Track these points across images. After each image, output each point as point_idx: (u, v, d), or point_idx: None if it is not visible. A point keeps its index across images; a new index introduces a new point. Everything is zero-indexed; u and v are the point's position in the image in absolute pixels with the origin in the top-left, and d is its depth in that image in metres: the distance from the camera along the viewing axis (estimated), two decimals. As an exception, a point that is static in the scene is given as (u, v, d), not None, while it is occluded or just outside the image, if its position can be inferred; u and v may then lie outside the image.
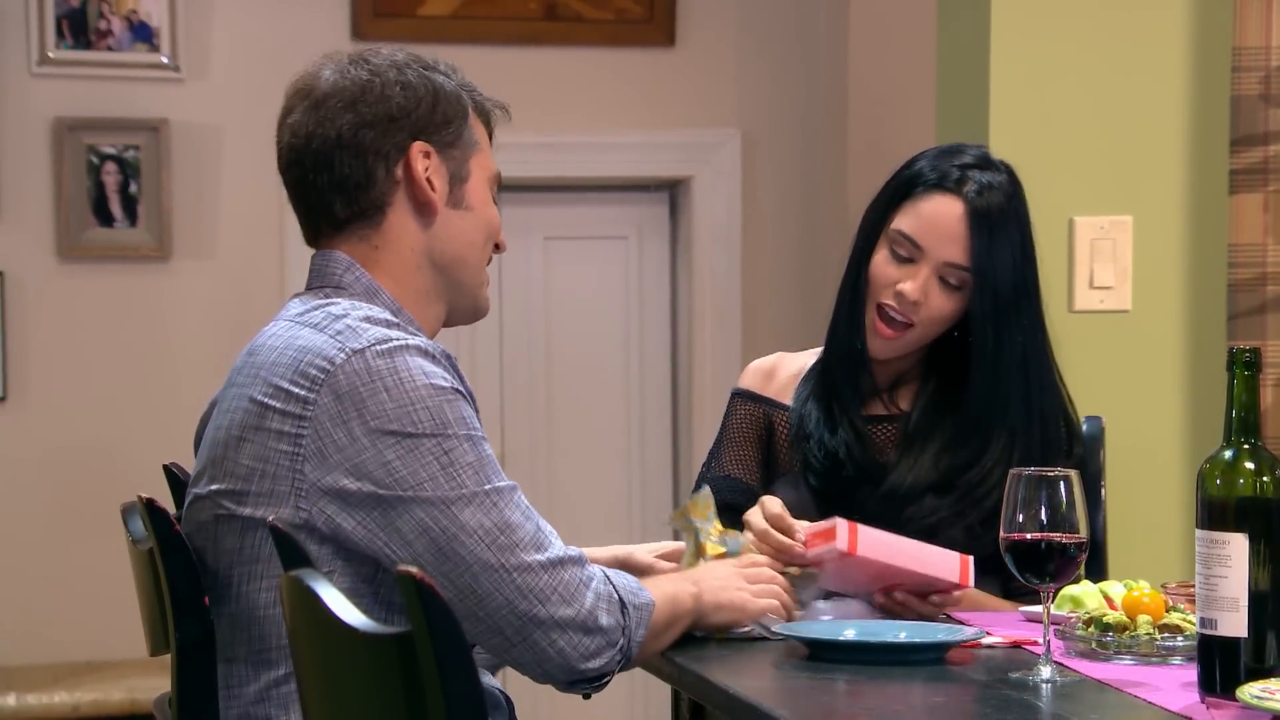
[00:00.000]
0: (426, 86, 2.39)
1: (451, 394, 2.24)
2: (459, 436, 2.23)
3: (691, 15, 5.62)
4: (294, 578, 1.90)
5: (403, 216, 2.39)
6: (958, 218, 2.82)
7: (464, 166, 2.41)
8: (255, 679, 2.28)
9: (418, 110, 2.37)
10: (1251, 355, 2.14)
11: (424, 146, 2.37)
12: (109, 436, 5.21)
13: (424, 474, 2.20)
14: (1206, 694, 2.13)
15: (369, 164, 2.37)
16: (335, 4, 5.39)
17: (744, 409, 3.02)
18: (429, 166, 2.37)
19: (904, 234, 2.84)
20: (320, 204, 2.40)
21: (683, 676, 2.43)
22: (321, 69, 2.43)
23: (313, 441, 2.21)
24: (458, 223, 2.41)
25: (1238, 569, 2.09)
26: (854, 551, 2.59)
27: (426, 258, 2.40)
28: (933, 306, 2.84)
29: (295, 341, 2.28)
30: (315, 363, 2.24)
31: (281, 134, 2.46)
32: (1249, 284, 3.65)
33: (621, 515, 5.77)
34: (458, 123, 2.40)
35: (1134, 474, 3.64)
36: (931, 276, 2.83)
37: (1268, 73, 3.63)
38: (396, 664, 1.75)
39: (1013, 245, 2.84)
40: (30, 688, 4.88)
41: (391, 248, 2.39)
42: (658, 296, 5.81)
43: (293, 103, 2.45)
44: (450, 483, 2.21)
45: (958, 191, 2.83)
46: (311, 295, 2.39)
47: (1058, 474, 2.28)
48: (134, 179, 5.22)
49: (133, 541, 2.51)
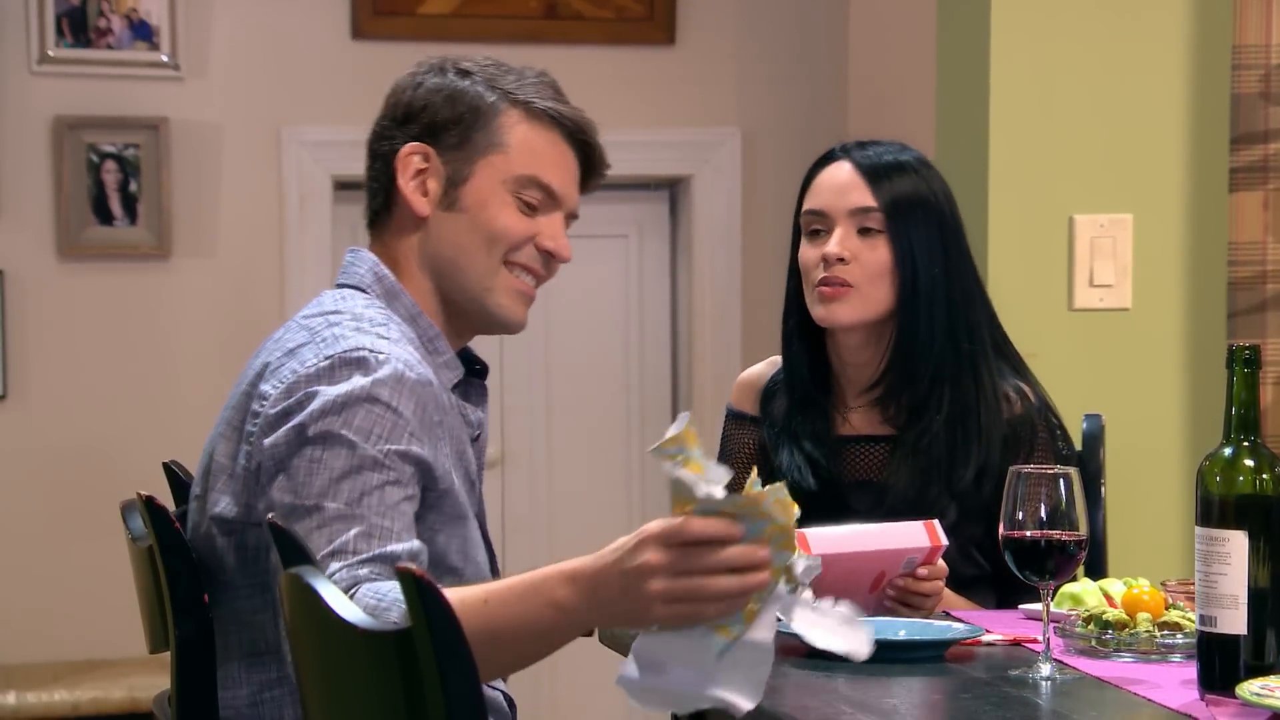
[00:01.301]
0: (444, 88, 2.37)
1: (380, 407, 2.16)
2: (338, 438, 2.15)
3: (692, 14, 5.62)
4: (293, 575, 1.90)
5: (401, 218, 2.39)
6: (847, 171, 2.88)
7: (467, 168, 2.37)
8: (249, 681, 2.29)
9: (424, 113, 2.37)
10: (1251, 353, 2.14)
11: (419, 148, 2.36)
12: (109, 435, 5.21)
13: (316, 486, 2.14)
14: (1206, 691, 2.13)
15: (378, 166, 2.39)
16: (335, 2, 5.39)
17: (738, 434, 3.02)
18: (425, 169, 2.36)
19: (809, 211, 2.90)
20: (366, 202, 2.44)
21: (682, 674, 2.43)
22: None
23: (266, 429, 2.21)
24: (450, 225, 2.38)
25: (1237, 566, 2.09)
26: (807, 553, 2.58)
27: (426, 260, 2.39)
28: (861, 256, 2.85)
29: (287, 344, 2.29)
30: (294, 367, 2.23)
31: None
32: (1249, 282, 3.65)
33: (621, 515, 5.77)
34: (469, 124, 2.37)
35: (1134, 471, 3.64)
36: (848, 231, 2.85)
37: (1268, 71, 3.63)
38: (395, 661, 1.75)
39: (915, 182, 2.87)
40: (30, 686, 4.88)
41: (398, 249, 2.39)
42: (658, 295, 5.81)
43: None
44: (303, 489, 2.15)
45: (841, 155, 2.91)
46: (330, 295, 2.39)
47: (1057, 471, 2.28)
48: (134, 177, 5.22)
49: (132, 539, 2.51)
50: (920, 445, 2.84)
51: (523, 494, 5.74)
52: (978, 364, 2.86)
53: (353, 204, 5.63)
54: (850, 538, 2.61)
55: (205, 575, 2.32)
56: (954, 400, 2.84)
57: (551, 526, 5.72)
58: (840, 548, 2.58)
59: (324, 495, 2.13)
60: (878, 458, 2.89)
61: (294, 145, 5.34)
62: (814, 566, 1.95)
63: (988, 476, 2.83)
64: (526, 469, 5.72)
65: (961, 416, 2.84)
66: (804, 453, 2.90)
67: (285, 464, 2.16)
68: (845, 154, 2.91)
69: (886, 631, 2.48)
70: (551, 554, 5.65)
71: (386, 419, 2.17)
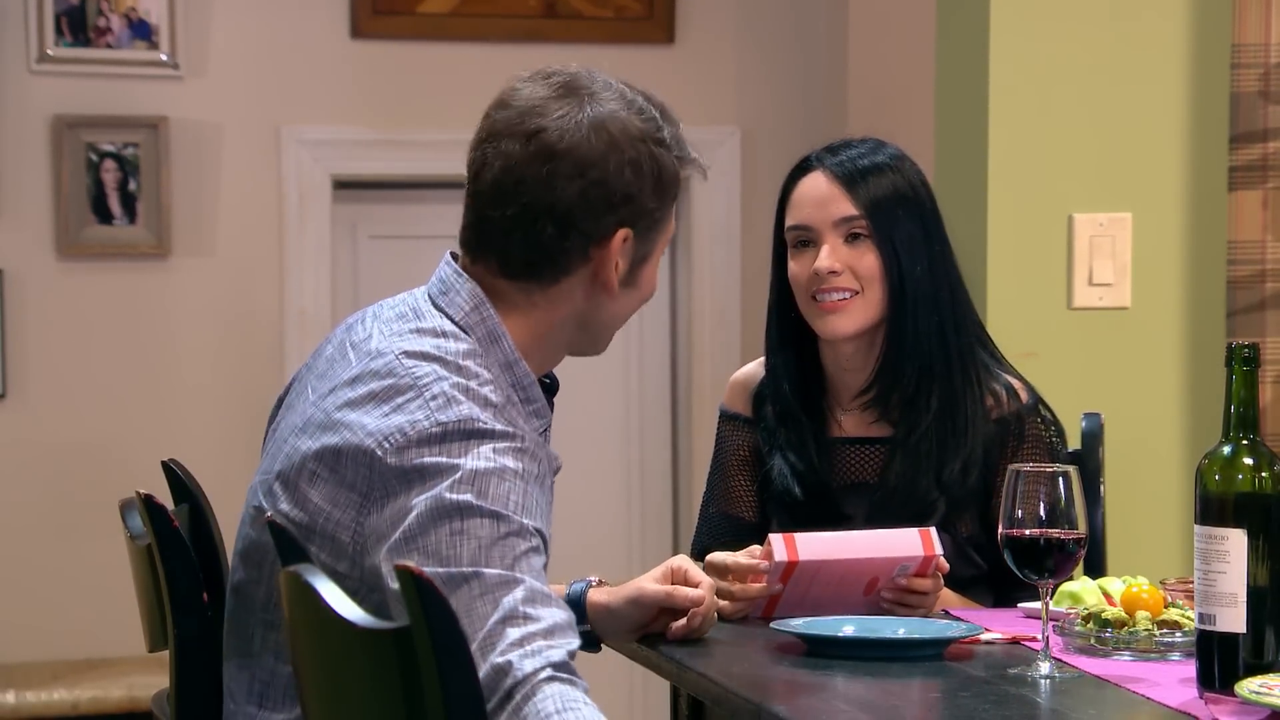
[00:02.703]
0: (652, 168, 2.29)
1: (511, 477, 2.12)
2: (506, 521, 2.11)
3: (691, 13, 5.61)
4: (292, 573, 1.90)
5: (575, 288, 2.30)
6: (824, 181, 2.89)
7: (653, 247, 2.33)
8: (286, 709, 2.24)
9: (639, 196, 2.28)
10: (1250, 351, 2.15)
11: (627, 233, 2.28)
12: (108, 434, 5.21)
13: (446, 552, 2.09)
14: (1205, 689, 2.13)
15: (571, 239, 2.26)
16: (334, 1, 5.38)
17: (732, 435, 3.02)
18: (622, 251, 2.29)
19: (793, 226, 2.91)
20: (502, 249, 2.28)
21: (682, 673, 2.43)
22: (553, 104, 2.27)
23: (379, 498, 2.14)
24: (623, 300, 2.34)
25: (1236, 564, 2.09)
26: (796, 558, 2.59)
27: (577, 321, 2.34)
28: (855, 266, 2.85)
29: (386, 380, 2.19)
30: (403, 425, 2.15)
31: (488, 155, 2.28)
32: (1248, 280, 3.65)
33: (621, 516, 5.77)
34: (665, 206, 2.33)
35: (1133, 470, 3.64)
36: (835, 243, 2.86)
37: (1267, 69, 3.63)
38: (395, 659, 1.75)
39: (893, 181, 2.87)
40: (29, 685, 4.88)
41: (549, 307, 2.31)
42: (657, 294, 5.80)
43: (512, 126, 2.27)
44: (450, 560, 2.09)
45: (815, 166, 2.92)
46: (431, 321, 2.26)
47: (1056, 470, 2.28)
48: (133, 177, 5.21)
49: (131, 538, 2.51)
50: (910, 442, 2.84)
51: (522, 493, 5.73)
52: (965, 357, 2.86)
53: (352, 203, 5.64)
54: (841, 543, 2.61)
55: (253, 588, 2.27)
56: (943, 395, 2.85)
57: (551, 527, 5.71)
58: (829, 554, 2.59)
59: (477, 563, 2.07)
60: (871, 459, 2.89)
61: (293, 144, 5.34)
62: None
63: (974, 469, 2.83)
64: (526, 468, 5.72)
65: (950, 411, 2.84)
66: (789, 463, 2.90)
67: (417, 540, 2.09)
68: (819, 164, 2.91)
69: (885, 630, 2.48)
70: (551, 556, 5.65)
71: (518, 487, 2.14)
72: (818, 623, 2.50)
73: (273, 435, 2.35)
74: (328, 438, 2.19)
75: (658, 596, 2.52)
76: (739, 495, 2.97)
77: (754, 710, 2.16)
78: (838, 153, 2.92)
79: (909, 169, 2.91)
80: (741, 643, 2.53)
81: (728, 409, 3.04)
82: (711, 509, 3.00)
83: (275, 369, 5.18)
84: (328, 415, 2.21)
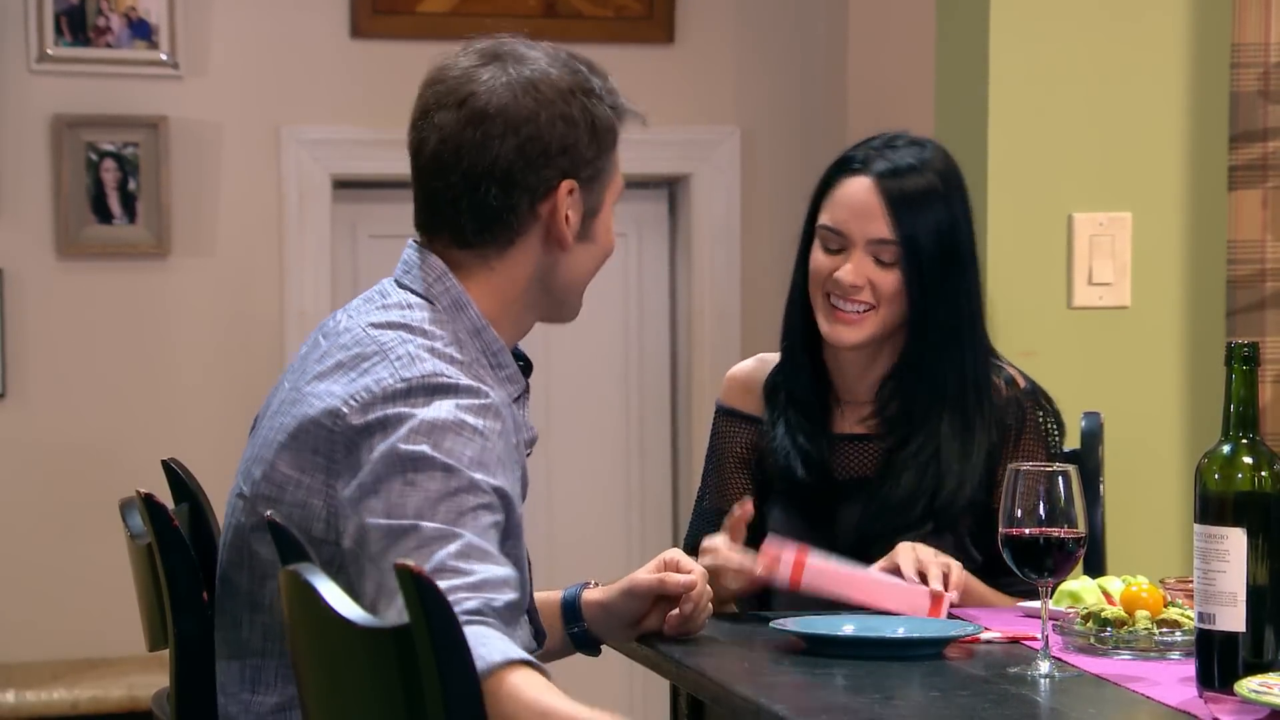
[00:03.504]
0: (585, 119, 2.33)
1: (470, 432, 2.16)
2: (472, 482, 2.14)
3: (691, 12, 5.61)
4: (291, 572, 1.90)
5: (531, 247, 2.34)
6: (869, 192, 2.83)
7: (600, 198, 2.37)
8: (280, 689, 2.27)
9: (574, 147, 2.32)
10: (1250, 350, 2.15)
11: (571, 184, 2.33)
12: (108, 433, 5.21)
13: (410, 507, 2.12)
14: (1204, 689, 2.13)
15: (515, 197, 2.31)
16: (334, 1, 5.38)
17: (729, 430, 3.01)
18: (570, 203, 2.33)
19: (827, 226, 2.86)
20: (452, 220, 2.33)
21: (681, 672, 2.43)
22: (479, 70, 2.35)
23: (343, 457, 2.18)
24: (581, 255, 2.38)
25: (1236, 564, 2.09)
26: (796, 584, 2.61)
27: (539, 283, 2.37)
28: (879, 287, 2.84)
29: (356, 353, 2.24)
30: (369, 385, 2.20)
31: (425, 130, 2.35)
32: (1248, 280, 3.65)
33: (620, 513, 5.77)
34: (605, 155, 2.37)
35: (1133, 469, 3.64)
36: (864, 258, 2.83)
37: (1266, 69, 3.63)
38: (394, 658, 1.75)
39: (936, 213, 2.84)
40: (29, 685, 4.88)
41: (508, 271, 2.35)
42: (657, 294, 5.81)
43: (443, 99, 2.34)
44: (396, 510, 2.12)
45: (865, 170, 2.85)
46: (396, 298, 2.32)
47: (1056, 469, 2.28)
48: (133, 176, 5.21)
49: (131, 537, 2.51)
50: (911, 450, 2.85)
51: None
52: (981, 387, 2.86)
53: (352, 203, 5.63)
54: (845, 582, 2.62)
55: (236, 576, 2.29)
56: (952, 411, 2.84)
57: (551, 526, 5.71)
58: (828, 587, 2.62)
59: (420, 515, 2.10)
60: (871, 456, 2.89)
61: (293, 144, 5.34)
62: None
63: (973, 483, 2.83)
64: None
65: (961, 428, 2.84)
66: (796, 445, 2.90)
67: (377, 488, 2.13)
68: (869, 169, 2.84)
69: (885, 630, 2.49)
70: (551, 553, 5.65)
71: (475, 443, 2.16)
72: (818, 622, 2.51)
73: (254, 431, 2.38)
74: (298, 409, 2.24)
75: (650, 584, 2.55)
76: (735, 490, 2.96)
77: (754, 710, 2.16)
78: (891, 158, 2.85)
79: (956, 196, 2.87)
80: (741, 642, 2.53)
81: (725, 404, 3.03)
82: (706, 503, 3.00)
83: (275, 369, 5.18)
84: (299, 392, 2.26)
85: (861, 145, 2.90)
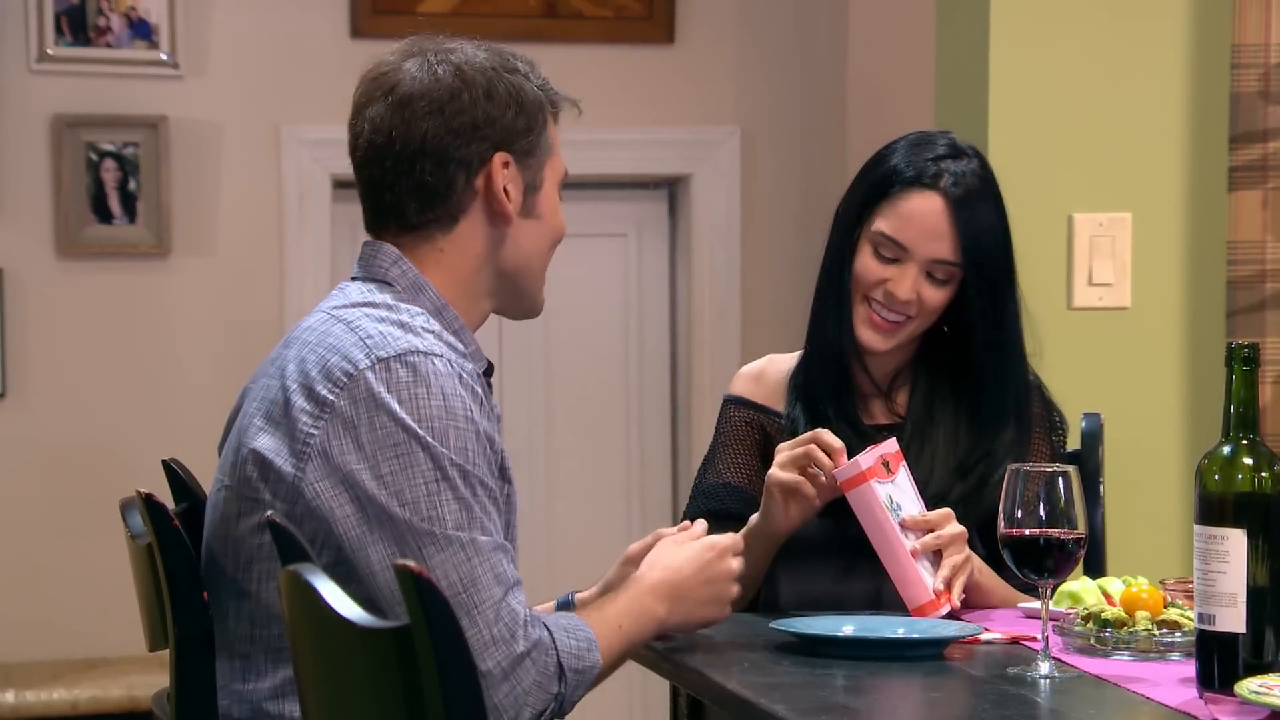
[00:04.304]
0: (511, 94, 2.39)
1: (463, 421, 2.24)
2: (455, 466, 2.23)
3: (691, 13, 5.61)
4: (292, 572, 1.90)
5: (475, 224, 2.39)
6: (939, 214, 2.81)
7: (539, 174, 2.42)
8: (271, 674, 2.29)
9: (502, 119, 2.38)
10: (1250, 351, 2.15)
11: (504, 157, 2.38)
12: (109, 433, 5.21)
13: (409, 494, 2.21)
14: (1204, 689, 2.13)
15: (450, 173, 2.37)
16: (335, 1, 5.38)
17: (738, 415, 3.00)
18: (507, 177, 2.38)
19: (886, 235, 2.82)
20: (394, 205, 2.39)
21: (681, 672, 2.43)
22: (404, 62, 2.42)
23: (321, 442, 2.22)
24: (527, 231, 2.42)
25: (1236, 564, 2.09)
26: (845, 491, 2.64)
27: (491, 263, 2.41)
28: (925, 302, 2.83)
29: (327, 339, 2.29)
30: (342, 365, 2.25)
31: (358, 125, 2.43)
32: (1248, 281, 3.65)
33: (621, 513, 5.77)
34: (537, 130, 2.42)
35: (1133, 470, 3.64)
36: (920, 274, 2.82)
37: (1267, 70, 3.63)
38: (395, 658, 1.75)
39: (994, 231, 2.85)
40: (29, 685, 4.88)
41: (458, 252, 2.39)
42: (657, 294, 5.81)
43: (371, 93, 2.42)
44: (430, 511, 2.21)
45: (935, 186, 2.81)
46: (356, 287, 2.39)
47: (1056, 470, 2.28)
48: (133, 176, 5.21)
49: (131, 537, 2.51)
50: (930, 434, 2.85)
51: (522, 493, 5.70)
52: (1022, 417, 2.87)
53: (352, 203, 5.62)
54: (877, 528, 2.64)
55: (222, 566, 2.32)
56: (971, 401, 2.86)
57: (551, 526, 5.72)
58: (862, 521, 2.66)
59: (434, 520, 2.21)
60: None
61: (293, 144, 5.34)
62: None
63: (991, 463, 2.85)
64: (526, 468, 5.72)
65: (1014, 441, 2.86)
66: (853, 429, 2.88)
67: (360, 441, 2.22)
68: (938, 186, 2.81)
69: (885, 630, 2.49)
70: (551, 554, 5.65)
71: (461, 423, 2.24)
72: (818, 623, 2.51)
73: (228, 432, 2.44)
74: (272, 395, 2.29)
75: (645, 543, 2.59)
76: (741, 466, 2.95)
77: (754, 710, 2.16)
78: (955, 173, 2.81)
79: (1005, 216, 2.87)
80: (741, 643, 2.53)
81: (734, 394, 3.02)
82: (710, 478, 2.97)
83: (275, 368, 5.18)
84: (270, 380, 2.32)
85: (916, 154, 2.84)
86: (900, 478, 2.67)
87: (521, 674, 2.21)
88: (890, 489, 2.64)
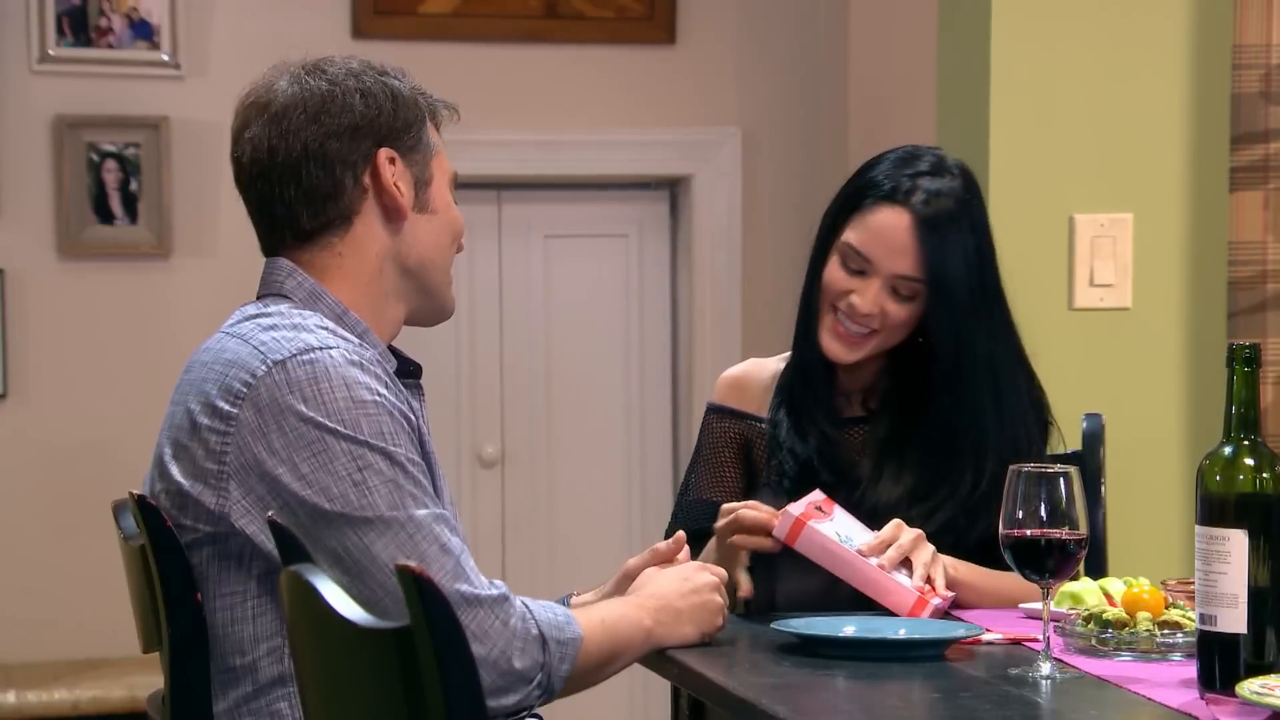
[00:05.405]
0: (385, 93, 2.40)
1: (372, 406, 2.24)
2: (376, 450, 2.23)
3: (692, 13, 5.62)
4: (293, 572, 1.90)
5: (370, 224, 2.40)
6: (905, 229, 2.79)
7: (426, 170, 2.43)
8: (223, 696, 2.30)
9: (380, 117, 2.39)
10: (1251, 351, 2.14)
11: (389, 153, 2.39)
12: (109, 434, 5.21)
13: (335, 489, 2.21)
14: (1206, 690, 2.13)
15: (337, 174, 2.37)
16: (336, 1, 5.39)
17: (719, 426, 3.00)
18: (395, 172, 2.39)
19: (853, 247, 2.81)
20: (286, 217, 2.40)
21: (682, 673, 2.43)
22: (274, 81, 2.42)
23: (236, 458, 2.24)
24: (425, 226, 2.42)
25: (1237, 565, 2.09)
26: (792, 544, 2.63)
27: (392, 262, 2.41)
28: (889, 316, 2.81)
29: (223, 355, 2.31)
30: (239, 376, 2.26)
31: (239, 149, 2.43)
32: (1249, 281, 3.65)
33: (621, 513, 5.77)
34: (417, 127, 2.42)
35: (1134, 470, 3.64)
36: (882, 289, 2.80)
37: (1268, 70, 3.63)
38: (395, 659, 1.75)
39: (966, 251, 2.81)
40: (30, 685, 4.88)
41: (357, 254, 2.39)
42: (658, 295, 5.81)
43: (248, 116, 2.42)
44: (361, 500, 2.21)
45: (905, 203, 2.79)
46: (252, 305, 2.40)
47: (1057, 470, 2.28)
48: (134, 176, 5.22)
49: (124, 538, 2.51)
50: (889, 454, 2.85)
51: (523, 494, 5.73)
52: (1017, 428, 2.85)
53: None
54: (840, 559, 2.62)
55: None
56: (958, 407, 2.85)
57: (551, 526, 5.72)
58: (821, 560, 2.63)
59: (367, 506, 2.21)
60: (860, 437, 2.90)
61: (294, 144, 5.34)
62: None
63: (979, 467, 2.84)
64: (526, 469, 5.72)
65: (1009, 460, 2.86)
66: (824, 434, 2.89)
67: (274, 447, 2.22)
68: (906, 200, 2.79)
69: (886, 630, 2.48)
70: (551, 554, 5.65)
71: (370, 408, 2.24)
72: (818, 623, 2.51)
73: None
74: (177, 420, 2.33)
75: (642, 558, 2.59)
76: (721, 482, 2.96)
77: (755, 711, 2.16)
78: (928, 191, 2.79)
79: (985, 236, 2.84)
80: (741, 643, 2.52)
81: (716, 403, 3.03)
82: (693, 495, 2.98)
83: (276, 369, 5.18)
84: (174, 407, 2.36)
85: (897, 169, 2.83)
86: (838, 515, 2.67)
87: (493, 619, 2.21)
88: (834, 525, 2.66)
